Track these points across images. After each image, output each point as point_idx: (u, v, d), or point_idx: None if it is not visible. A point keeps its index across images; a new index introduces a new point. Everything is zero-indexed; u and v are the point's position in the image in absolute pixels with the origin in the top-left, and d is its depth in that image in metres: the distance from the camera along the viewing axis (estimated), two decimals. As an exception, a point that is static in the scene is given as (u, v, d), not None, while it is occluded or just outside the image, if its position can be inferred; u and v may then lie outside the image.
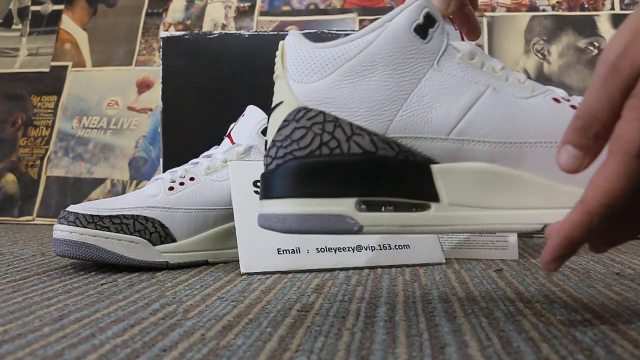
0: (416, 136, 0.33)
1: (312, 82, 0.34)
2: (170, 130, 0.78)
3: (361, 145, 0.33)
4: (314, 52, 0.34)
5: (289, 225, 0.33)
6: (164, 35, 0.79)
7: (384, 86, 0.33)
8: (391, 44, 0.34)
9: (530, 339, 0.31)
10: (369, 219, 0.33)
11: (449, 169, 0.34)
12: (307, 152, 0.33)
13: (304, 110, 0.34)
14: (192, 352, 0.29)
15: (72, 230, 0.53)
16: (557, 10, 1.11)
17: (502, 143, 0.33)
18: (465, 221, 0.34)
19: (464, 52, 0.35)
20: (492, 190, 0.33)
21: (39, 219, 1.12)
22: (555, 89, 0.35)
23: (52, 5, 1.28)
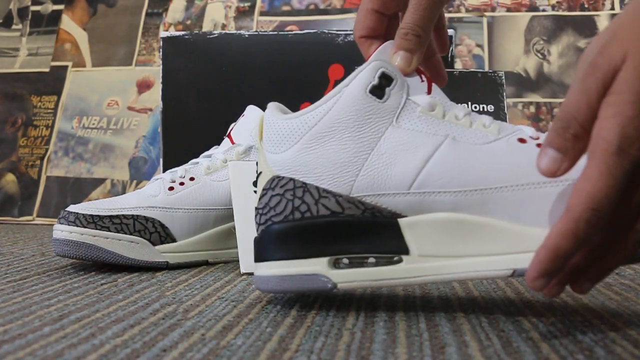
0: (379, 193, 0.34)
1: (282, 152, 0.36)
2: (170, 130, 0.78)
3: (328, 207, 0.35)
4: (282, 123, 0.37)
5: (272, 286, 0.36)
6: (164, 35, 0.79)
7: (344, 149, 0.35)
8: (349, 108, 0.35)
9: (530, 339, 0.31)
10: (342, 276, 0.35)
11: (415, 221, 0.34)
12: (282, 218, 0.36)
13: (277, 179, 0.36)
14: (192, 352, 0.29)
15: (72, 230, 0.53)
16: (557, 10, 1.11)
17: (463, 192, 0.33)
18: (436, 271, 0.34)
19: (424, 105, 0.35)
20: (460, 238, 0.34)
21: (39, 219, 1.12)
22: (525, 127, 0.35)
23: (52, 5, 1.28)
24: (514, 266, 0.33)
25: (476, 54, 1.12)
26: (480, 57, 1.11)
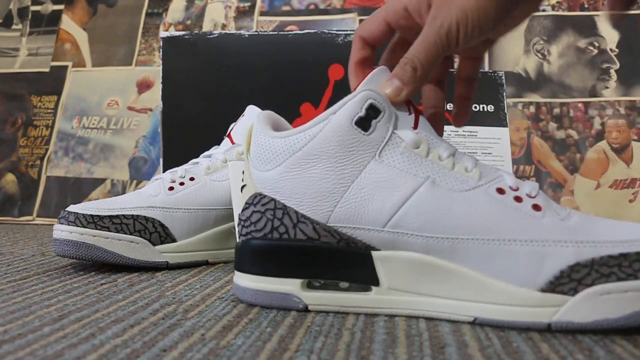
0: (354, 226, 0.35)
1: (266, 170, 0.37)
2: (170, 130, 0.78)
3: (305, 232, 0.36)
4: (269, 142, 0.37)
5: (247, 297, 0.38)
6: (164, 35, 0.79)
7: (325, 178, 0.35)
8: (333, 137, 0.35)
9: (530, 339, 0.31)
10: (313, 298, 0.36)
11: (388, 256, 0.35)
12: (262, 235, 0.37)
13: (260, 196, 0.37)
14: (192, 352, 0.29)
15: (72, 230, 0.53)
16: (557, 10, 1.11)
17: (435, 237, 0.34)
18: (403, 305, 0.35)
19: (408, 141, 0.35)
20: (428, 279, 0.35)
21: (39, 219, 1.12)
22: (507, 175, 0.36)
23: (52, 5, 1.28)
24: (475, 314, 0.34)
25: (476, 54, 1.11)
26: (480, 57, 1.11)
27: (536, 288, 0.32)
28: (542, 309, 0.32)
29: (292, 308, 0.37)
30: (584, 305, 0.31)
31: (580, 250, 0.32)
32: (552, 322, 0.32)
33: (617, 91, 1.07)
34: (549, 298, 0.32)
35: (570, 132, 1.06)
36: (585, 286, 0.31)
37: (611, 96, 1.07)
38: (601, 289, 0.31)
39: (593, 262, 0.31)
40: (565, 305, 0.31)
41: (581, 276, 0.31)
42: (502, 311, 0.33)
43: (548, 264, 0.32)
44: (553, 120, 1.06)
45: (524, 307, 0.32)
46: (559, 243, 0.32)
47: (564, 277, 0.32)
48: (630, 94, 1.06)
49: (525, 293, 0.32)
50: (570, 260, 0.32)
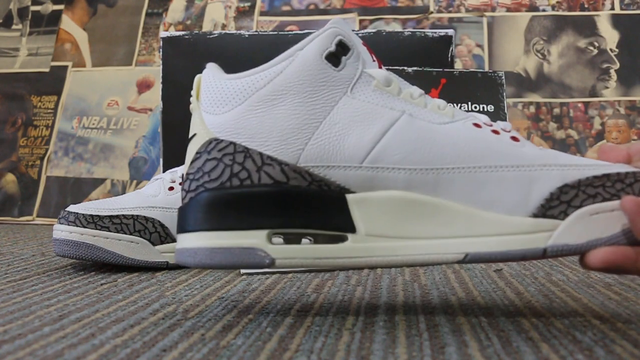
0: (328, 165, 0.32)
1: (223, 112, 0.34)
2: (170, 130, 0.78)
3: (272, 175, 0.32)
4: (225, 83, 0.34)
5: (200, 259, 0.32)
6: (164, 35, 0.79)
7: (294, 115, 0.33)
8: (302, 72, 0.33)
9: (530, 339, 0.31)
10: (281, 251, 0.32)
11: (365, 198, 0.33)
12: (218, 184, 0.33)
13: (215, 142, 0.33)
14: (192, 352, 0.29)
15: (72, 230, 0.53)
16: (557, 10, 1.11)
17: (418, 170, 0.32)
18: (383, 252, 0.32)
19: (380, 79, 0.34)
20: (410, 219, 0.32)
21: (39, 219, 1.12)
22: (478, 115, 0.35)
23: (52, 5, 1.28)
24: (466, 250, 0.32)
25: (476, 54, 1.12)
26: (480, 57, 1.11)
27: (527, 214, 0.31)
28: (536, 234, 0.31)
29: (257, 264, 0.32)
30: (576, 227, 0.31)
31: (565, 173, 0.32)
32: (547, 247, 0.31)
33: (617, 91, 1.07)
34: (542, 223, 0.31)
35: (570, 132, 1.06)
36: (575, 208, 0.31)
37: (611, 96, 1.07)
38: (590, 210, 0.31)
39: (580, 183, 0.31)
40: (558, 228, 0.31)
41: (570, 197, 0.31)
42: (494, 242, 0.32)
43: (537, 188, 0.32)
44: (553, 120, 1.06)
45: (517, 234, 0.31)
46: (545, 167, 0.32)
47: (554, 199, 0.31)
48: (630, 94, 1.07)
49: (517, 220, 0.31)
50: (557, 182, 0.32)
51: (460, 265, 0.57)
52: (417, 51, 0.77)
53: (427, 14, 1.15)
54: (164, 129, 0.78)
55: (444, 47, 0.78)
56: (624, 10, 1.10)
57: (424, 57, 0.77)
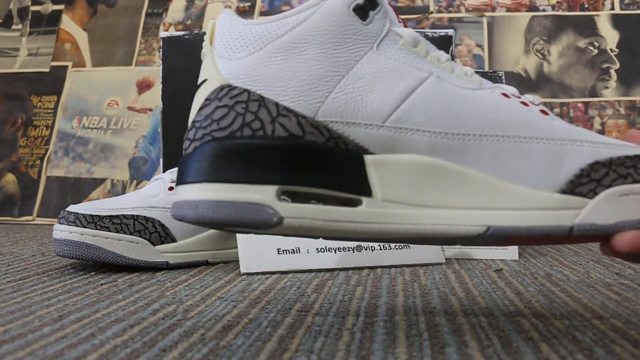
0: (349, 121, 0.30)
1: (239, 58, 0.31)
2: (170, 130, 0.78)
3: (287, 127, 0.30)
4: (243, 28, 0.32)
5: (201, 212, 0.29)
6: (164, 35, 0.79)
7: (316, 65, 0.31)
8: (327, 22, 0.31)
9: (530, 339, 0.31)
10: (291, 210, 0.29)
11: (384, 160, 0.30)
12: (227, 133, 0.30)
13: (228, 88, 0.31)
14: (192, 352, 0.29)
15: (72, 230, 0.53)
16: (557, 10, 1.11)
17: (444, 134, 0.30)
18: (399, 220, 0.30)
19: (407, 38, 0.32)
20: (431, 186, 0.30)
21: (39, 219, 1.12)
22: (505, 86, 0.34)
23: (52, 5, 1.28)
24: (488, 222, 0.30)
25: (476, 54, 1.12)
26: (480, 57, 1.11)
27: (555, 190, 0.30)
28: (563, 211, 0.30)
29: (264, 222, 0.29)
30: (605, 207, 0.30)
31: (597, 150, 0.30)
32: (574, 225, 0.30)
33: (617, 91, 1.07)
34: (569, 200, 0.30)
35: (570, 132, 1.06)
36: (604, 187, 0.30)
37: (611, 96, 1.07)
38: (620, 190, 0.30)
39: (611, 162, 0.30)
40: (586, 207, 0.30)
41: (600, 176, 0.30)
42: (519, 216, 0.30)
43: (567, 163, 0.30)
44: (553, 120, 1.06)
45: (544, 210, 0.30)
46: (576, 142, 0.31)
47: (583, 175, 0.30)
48: (630, 94, 1.07)
49: (545, 195, 0.30)
50: (588, 158, 0.30)
51: (460, 265, 0.57)
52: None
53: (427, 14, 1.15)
54: (164, 129, 0.78)
55: (444, 47, 0.78)
56: (624, 10, 1.10)
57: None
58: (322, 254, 0.55)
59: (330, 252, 0.55)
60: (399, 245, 0.58)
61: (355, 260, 0.55)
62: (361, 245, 0.57)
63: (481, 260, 0.60)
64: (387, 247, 0.57)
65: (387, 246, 0.57)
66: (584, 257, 0.62)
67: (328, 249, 0.56)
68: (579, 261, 0.59)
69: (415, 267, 0.56)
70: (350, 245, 0.56)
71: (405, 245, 0.58)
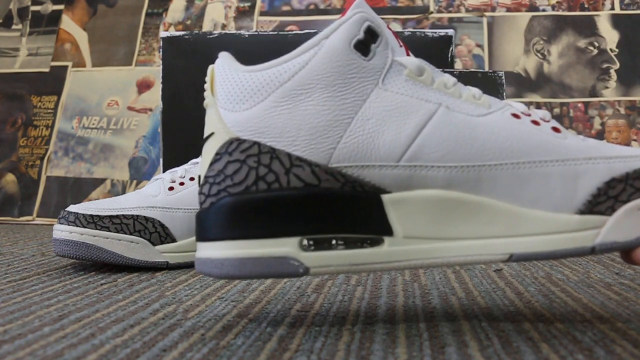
0: (363, 164, 0.30)
1: (244, 110, 0.31)
2: (170, 130, 0.78)
3: (302, 177, 0.30)
4: (244, 76, 0.31)
5: (227, 271, 0.30)
6: (164, 35, 0.79)
7: (324, 110, 0.30)
8: (329, 63, 0.31)
9: (530, 339, 0.31)
10: (316, 259, 0.30)
11: (402, 198, 0.30)
12: (243, 188, 0.30)
13: (237, 142, 0.30)
14: (192, 352, 0.29)
15: (72, 230, 0.53)
16: (557, 10, 1.11)
17: (459, 167, 0.30)
18: (423, 255, 0.31)
19: (412, 67, 0.32)
20: (451, 219, 0.30)
21: (39, 219, 1.12)
22: (514, 103, 0.33)
23: (52, 5, 1.28)
24: (511, 250, 0.30)
25: (476, 54, 1.12)
26: (480, 57, 1.11)
27: (574, 211, 0.30)
28: (583, 232, 0.30)
29: (291, 274, 0.30)
30: (625, 222, 0.30)
31: (612, 166, 0.30)
32: (595, 245, 0.30)
33: (617, 91, 1.07)
34: (589, 220, 0.30)
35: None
36: (622, 202, 0.30)
37: (611, 96, 1.07)
38: (638, 204, 0.30)
39: (627, 177, 0.30)
40: (606, 225, 0.30)
41: (617, 192, 0.30)
42: (540, 242, 0.30)
43: (583, 183, 0.30)
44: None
45: (564, 233, 0.30)
46: (590, 160, 0.30)
47: (601, 194, 0.30)
48: (630, 94, 1.07)
49: (564, 218, 0.30)
50: (604, 176, 0.30)
51: (461, 265, 0.57)
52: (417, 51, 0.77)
53: (427, 14, 1.15)
54: (164, 129, 0.78)
55: (444, 47, 0.78)
56: (624, 10, 1.10)
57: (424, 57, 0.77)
58: (322, 254, 0.55)
59: (330, 252, 0.55)
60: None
61: (355, 260, 0.55)
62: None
63: (481, 260, 0.60)
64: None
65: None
66: (584, 257, 0.62)
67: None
68: (579, 261, 0.59)
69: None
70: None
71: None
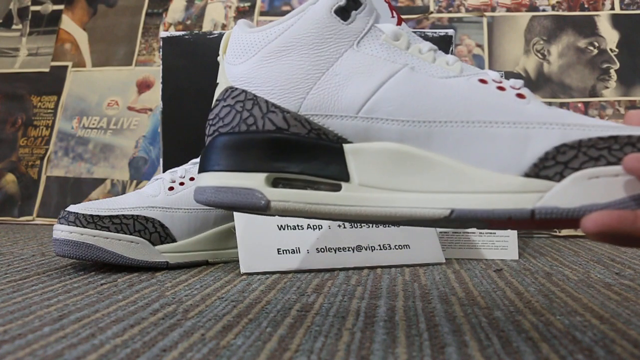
0: (327, 114, 0.34)
1: (240, 63, 0.35)
2: (170, 130, 0.78)
3: (274, 122, 0.34)
4: (245, 36, 0.36)
5: (207, 196, 0.34)
6: (164, 35, 0.79)
7: (299, 65, 0.34)
8: (310, 26, 0.35)
9: (530, 339, 0.31)
10: (277, 194, 0.33)
11: (360, 148, 0.33)
12: (229, 129, 0.34)
13: (231, 90, 0.35)
14: (192, 352, 0.29)
15: (72, 230, 0.53)
16: (557, 10, 1.11)
17: (411, 122, 0.32)
18: (373, 203, 0.33)
19: (388, 33, 0.35)
20: (402, 171, 0.33)
21: (39, 219, 1.12)
22: (491, 72, 0.35)
23: (52, 5, 1.28)
24: (452, 205, 0.31)
25: (476, 54, 1.12)
26: (480, 57, 1.11)
27: (519, 173, 0.30)
28: (525, 194, 0.30)
29: (255, 206, 0.33)
30: (571, 190, 0.29)
31: (567, 132, 0.30)
32: (535, 208, 0.30)
33: (617, 91, 1.07)
34: (533, 183, 0.30)
35: (570, 132, 1.05)
36: (572, 170, 0.29)
37: (611, 96, 1.07)
38: (590, 173, 0.29)
39: (580, 144, 0.30)
40: (551, 190, 0.30)
41: (567, 158, 0.30)
42: (481, 200, 0.31)
43: (532, 146, 0.30)
44: None
45: (506, 193, 0.30)
46: (544, 125, 0.31)
47: (549, 159, 0.30)
48: (630, 94, 1.07)
49: (508, 179, 0.30)
50: (555, 141, 0.30)
51: (461, 265, 0.57)
52: (417, 51, 0.77)
53: (427, 14, 1.15)
54: (164, 129, 0.78)
55: (444, 47, 0.78)
56: (624, 10, 1.10)
57: (424, 57, 0.77)
58: (322, 254, 0.55)
59: (330, 252, 0.55)
60: (399, 245, 0.58)
61: (355, 260, 0.55)
62: (361, 245, 0.57)
63: (481, 260, 0.60)
64: (387, 247, 0.57)
65: (387, 246, 0.57)
66: (584, 257, 0.62)
67: (328, 249, 0.56)
68: (579, 261, 0.59)
69: (415, 267, 0.56)
70: (350, 245, 0.56)
71: (405, 245, 0.58)
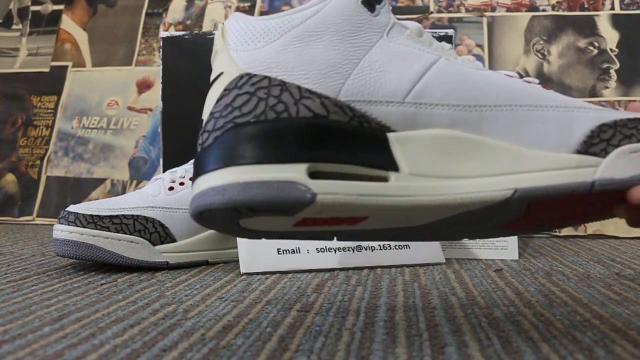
0: (370, 100, 0.32)
1: (255, 49, 0.33)
2: (170, 130, 0.78)
3: (311, 108, 0.31)
4: (256, 22, 0.33)
5: (230, 196, 0.29)
6: (164, 35, 0.79)
7: (334, 50, 0.32)
8: (340, 13, 0.34)
9: (530, 339, 0.31)
10: (323, 186, 0.30)
11: (407, 136, 0.32)
12: (251, 118, 0.30)
13: (247, 76, 0.31)
14: (192, 352, 0.29)
15: (72, 230, 0.53)
16: (557, 10, 1.11)
17: (461, 106, 0.32)
18: (428, 191, 0.31)
19: (413, 29, 0.35)
20: (455, 158, 0.32)
21: (39, 219, 1.12)
22: (505, 71, 0.36)
23: (52, 5, 1.28)
24: (515, 186, 0.31)
25: (476, 54, 1.12)
26: (480, 57, 1.11)
27: (571, 151, 0.32)
28: (582, 169, 0.32)
29: (297, 200, 0.29)
30: (618, 163, 0.32)
31: (601, 114, 0.33)
32: (595, 180, 0.32)
33: (617, 91, 1.07)
34: (586, 159, 0.32)
35: (570, 132, 1.06)
36: (614, 146, 0.32)
37: (611, 96, 1.07)
38: (630, 148, 0.32)
39: (616, 124, 0.33)
40: (602, 164, 0.32)
41: (608, 136, 0.33)
42: (543, 177, 0.32)
43: (577, 127, 0.33)
44: None
45: (564, 169, 0.32)
46: (581, 109, 0.33)
47: (594, 136, 0.33)
48: (630, 94, 1.07)
49: (563, 157, 0.32)
50: (595, 121, 0.33)
51: (461, 265, 0.57)
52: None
53: (427, 14, 1.15)
54: (164, 129, 0.78)
55: (444, 47, 0.78)
56: (624, 10, 1.10)
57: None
58: (322, 254, 0.55)
59: (330, 252, 0.55)
60: (399, 245, 0.58)
61: (355, 260, 0.55)
62: (361, 245, 0.57)
63: (481, 260, 0.60)
64: (387, 247, 0.57)
65: (387, 246, 0.57)
66: (584, 257, 0.62)
67: (328, 249, 0.56)
68: (579, 261, 0.59)
69: (415, 267, 0.56)
70: (350, 245, 0.56)
71: (405, 245, 0.58)
